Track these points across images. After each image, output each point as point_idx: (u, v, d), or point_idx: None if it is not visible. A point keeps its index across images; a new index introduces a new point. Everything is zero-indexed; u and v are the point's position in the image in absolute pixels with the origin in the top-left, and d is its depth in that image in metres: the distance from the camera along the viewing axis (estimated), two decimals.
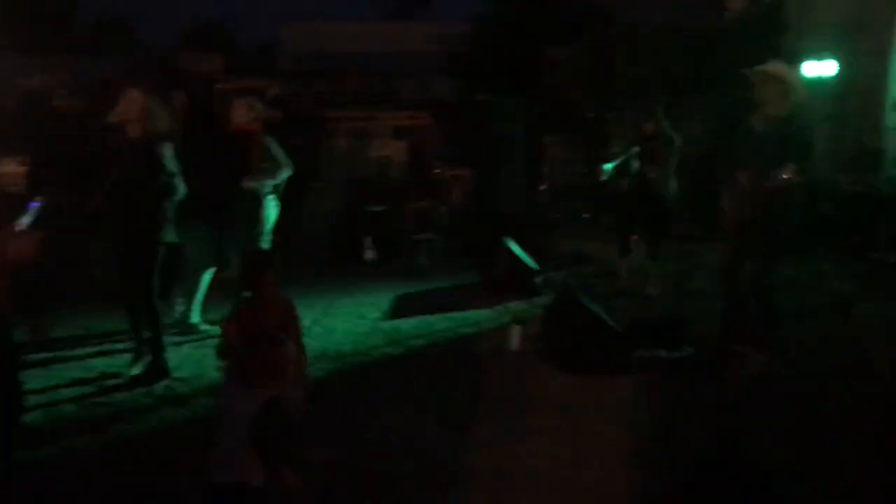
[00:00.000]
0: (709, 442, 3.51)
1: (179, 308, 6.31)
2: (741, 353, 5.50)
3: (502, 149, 8.66)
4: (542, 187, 10.45)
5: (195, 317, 6.24)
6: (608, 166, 7.52)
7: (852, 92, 9.53)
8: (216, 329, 5.42)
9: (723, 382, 5.19)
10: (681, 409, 4.79)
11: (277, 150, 6.30)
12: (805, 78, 8.60)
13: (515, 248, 7.55)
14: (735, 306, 5.62)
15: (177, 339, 5.93)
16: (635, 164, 7.34)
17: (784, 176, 4.85)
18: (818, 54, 9.04)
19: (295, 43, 26.94)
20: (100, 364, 5.54)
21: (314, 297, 7.29)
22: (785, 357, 5.50)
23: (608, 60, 11.70)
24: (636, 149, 7.36)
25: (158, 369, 5.24)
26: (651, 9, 14.12)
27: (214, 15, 38.79)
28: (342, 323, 6.64)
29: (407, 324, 6.58)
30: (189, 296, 6.25)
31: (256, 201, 6.19)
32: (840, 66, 9.18)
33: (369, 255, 8.87)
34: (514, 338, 5.89)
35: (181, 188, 5.18)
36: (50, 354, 5.62)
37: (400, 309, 7.07)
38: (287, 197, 6.68)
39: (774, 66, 5.26)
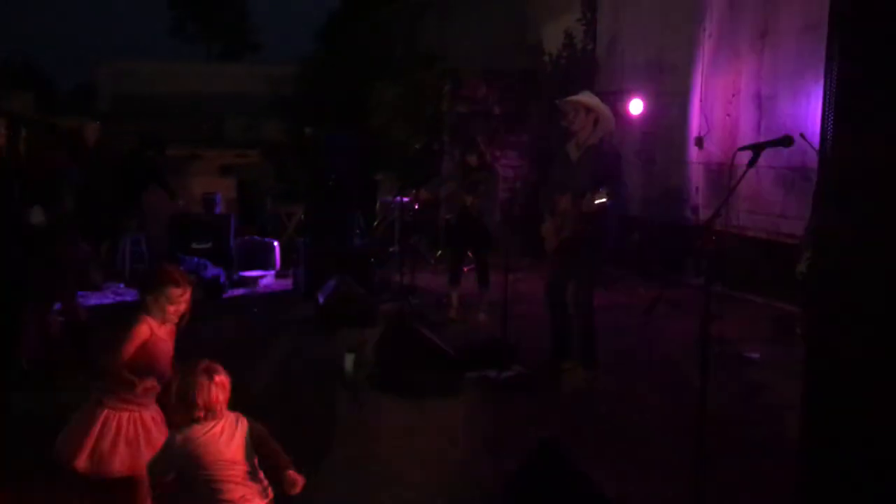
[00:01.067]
0: (534, 451, 3.65)
1: None
2: (566, 369, 5.77)
3: (334, 183, 8.66)
4: (375, 222, 10.54)
5: None
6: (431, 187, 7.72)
7: (658, 129, 10.26)
8: None
9: (549, 397, 5.42)
10: (509, 423, 4.96)
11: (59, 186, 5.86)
12: (621, 112, 9.19)
13: (349, 280, 7.53)
14: (559, 325, 5.91)
15: None
16: (461, 196, 7.56)
17: (597, 200, 5.15)
18: (627, 93, 9.69)
19: (113, 82, 25.81)
20: None
21: None
22: (605, 371, 5.82)
23: (434, 99, 12.03)
24: (456, 179, 7.61)
25: None
26: (472, 52, 14.70)
27: (26, 53, 36.63)
28: None
29: (235, 360, 6.34)
30: None
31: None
32: (647, 104, 9.87)
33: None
34: (348, 367, 5.85)
35: None
36: None
37: (228, 345, 6.85)
38: (105, 234, 6.41)
39: (584, 97, 5.60)
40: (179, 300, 3.41)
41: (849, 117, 2.34)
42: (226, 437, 2.88)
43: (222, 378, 2.91)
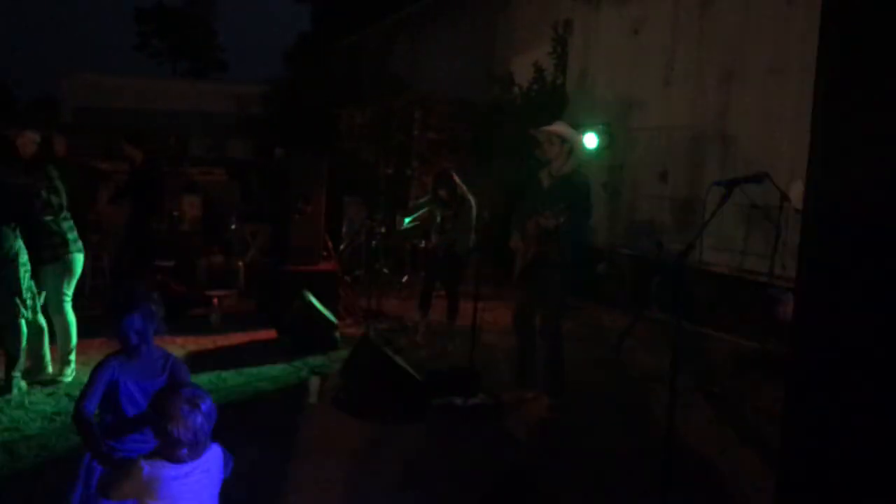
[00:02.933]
0: (498, 475, 3.66)
1: None
2: (531, 397, 5.80)
3: (302, 204, 8.60)
4: (342, 245, 10.48)
5: None
6: (407, 219, 7.71)
7: (626, 163, 10.41)
8: None
9: (515, 425, 5.43)
10: (475, 450, 4.96)
11: None
12: (587, 144, 9.29)
13: (314, 303, 7.48)
14: (525, 352, 5.94)
15: None
16: (435, 227, 7.59)
17: (553, 218, 5.19)
18: (595, 128, 9.81)
19: (76, 95, 25.50)
20: None
21: (95, 354, 6.81)
22: (570, 400, 5.84)
23: (404, 124, 12.07)
24: (428, 203, 7.63)
25: None
26: (442, 80, 14.84)
27: None
28: None
29: (198, 380, 6.27)
30: None
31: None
32: (613, 139, 10.01)
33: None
34: (313, 390, 5.81)
35: None
36: None
37: (190, 365, 6.73)
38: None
39: (560, 128, 5.69)
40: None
41: (834, 153, 2.41)
42: (197, 486, 2.54)
43: (209, 408, 2.56)
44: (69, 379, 5.96)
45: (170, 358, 3.26)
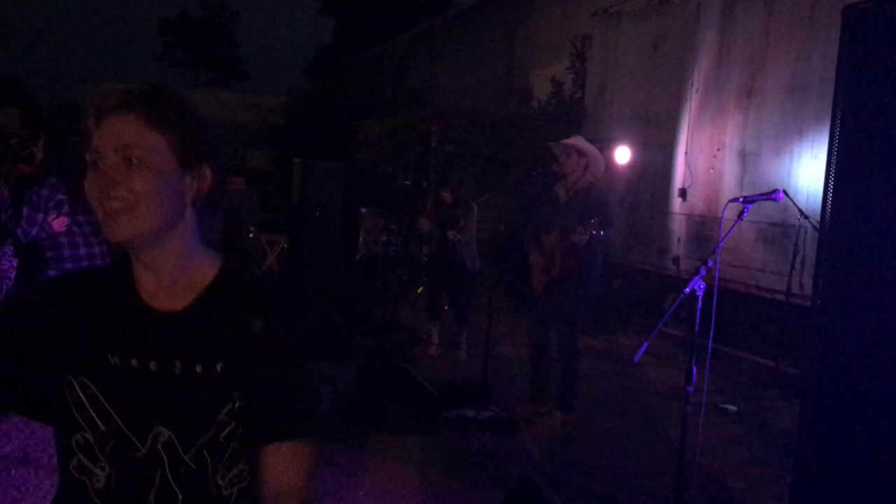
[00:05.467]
0: (513, 487, 3.64)
1: None
2: (543, 412, 5.77)
3: (318, 214, 8.66)
4: (358, 256, 10.52)
5: None
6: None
7: (643, 178, 10.39)
8: None
9: (526, 439, 5.42)
10: (486, 463, 4.95)
11: None
12: (607, 160, 9.27)
13: (329, 312, 7.50)
14: (541, 368, 5.91)
15: None
16: (438, 232, 7.61)
17: (587, 231, 5.17)
18: (613, 142, 9.80)
19: None
20: None
21: None
22: (582, 417, 5.82)
23: (423, 137, 12.13)
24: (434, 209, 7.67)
25: None
26: (461, 93, 14.90)
27: (13, 72, 36.64)
28: None
29: None
30: None
31: None
32: (632, 154, 9.99)
33: None
34: (325, 400, 5.81)
35: None
36: None
37: None
38: None
39: (577, 141, 5.68)
40: None
41: (849, 181, 2.40)
42: None
43: None
44: None
45: None
